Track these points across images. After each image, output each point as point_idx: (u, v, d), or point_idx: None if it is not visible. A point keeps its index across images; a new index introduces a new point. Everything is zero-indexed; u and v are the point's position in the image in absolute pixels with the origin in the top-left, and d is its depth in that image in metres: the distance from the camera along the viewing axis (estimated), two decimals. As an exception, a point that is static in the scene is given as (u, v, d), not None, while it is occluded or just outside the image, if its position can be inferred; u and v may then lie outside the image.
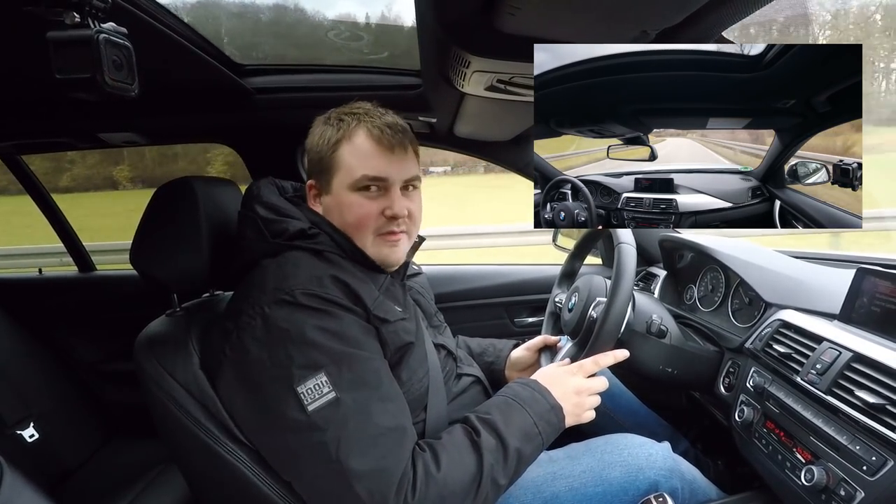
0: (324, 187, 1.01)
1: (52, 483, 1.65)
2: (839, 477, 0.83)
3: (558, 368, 1.05)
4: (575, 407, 0.98)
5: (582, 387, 1.00)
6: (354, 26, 1.53)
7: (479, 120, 1.50)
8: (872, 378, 0.85)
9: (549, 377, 1.01)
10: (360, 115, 0.99)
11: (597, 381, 1.03)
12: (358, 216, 0.98)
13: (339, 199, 0.99)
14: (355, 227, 0.98)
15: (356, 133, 0.98)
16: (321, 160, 0.99)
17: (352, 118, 0.99)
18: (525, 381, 1.00)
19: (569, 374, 1.02)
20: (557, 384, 0.99)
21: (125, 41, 0.67)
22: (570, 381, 1.01)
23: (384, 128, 0.98)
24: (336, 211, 0.99)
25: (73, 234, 2.13)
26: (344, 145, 0.97)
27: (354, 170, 0.97)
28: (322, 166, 0.99)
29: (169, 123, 1.67)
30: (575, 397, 0.99)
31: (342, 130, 0.98)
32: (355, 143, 0.97)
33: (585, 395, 1.00)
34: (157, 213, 1.04)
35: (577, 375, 1.02)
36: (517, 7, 0.74)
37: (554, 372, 1.04)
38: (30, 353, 1.87)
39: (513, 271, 2.06)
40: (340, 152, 0.98)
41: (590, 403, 1.01)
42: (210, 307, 1.13)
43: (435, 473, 0.82)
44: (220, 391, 0.93)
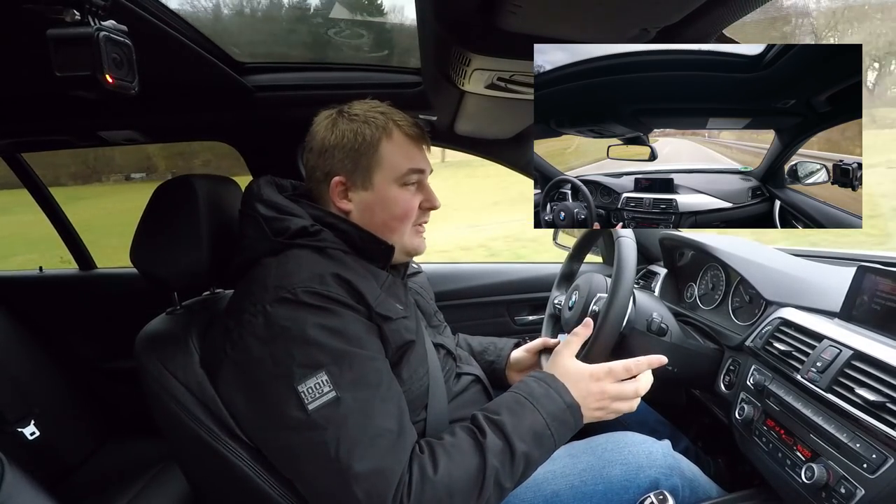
0: (361, 184, 1.01)
1: (53, 480, 1.66)
2: (839, 474, 0.83)
3: (581, 368, 0.98)
4: (597, 411, 0.94)
5: (608, 392, 0.95)
6: (355, 24, 1.53)
7: (480, 118, 1.50)
8: (873, 376, 0.85)
9: (569, 374, 0.96)
10: (388, 114, 1.02)
11: (628, 386, 0.96)
12: (404, 209, 1.02)
13: (383, 194, 1.01)
14: (399, 220, 1.02)
15: (393, 130, 1.01)
16: (358, 158, 0.99)
17: (381, 116, 1.01)
18: (541, 377, 0.96)
19: (592, 380, 0.95)
20: (579, 383, 0.94)
21: (125, 39, 0.67)
22: (594, 386, 0.95)
23: (414, 126, 1.03)
24: (379, 206, 1.01)
25: (74, 232, 2.13)
26: (384, 143, 1.00)
27: (400, 165, 1.00)
28: (360, 164, 1.00)
29: (169, 121, 1.66)
30: (596, 402, 0.94)
31: (380, 129, 1.00)
32: (395, 140, 1.01)
33: (613, 401, 0.95)
34: (157, 211, 1.04)
35: (604, 381, 0.95)
36: (518, 5, 0.74)
37: (576, 369, 0.97)
38: (30, 352, 1.88)
39: (513, 269, 2.07)
40: (382, 150, 0.99)
41: (615, 409, 0.96)
42: (211, 305, 1.13)
43: (431, 475, 0.81)
44: (220, 389, 0.92)
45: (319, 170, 1.02)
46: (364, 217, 1.02)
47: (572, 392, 0.93)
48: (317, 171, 1.03)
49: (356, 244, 0.99)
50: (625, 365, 0.97)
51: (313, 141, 1.03)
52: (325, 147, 1.01)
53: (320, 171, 1.02)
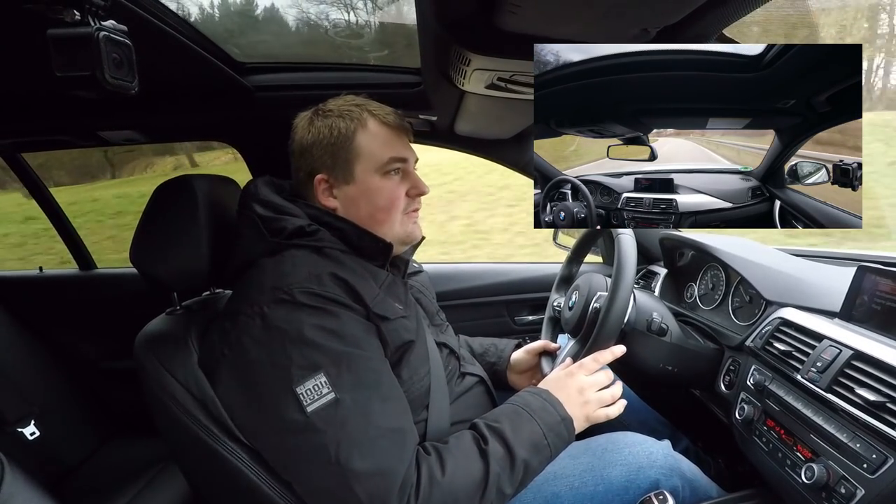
0: (343, 178, 1.00)
1: (53, 481, 1.65)
2: (839, 475, 0.83)
3: (561, 373, 1.04)
4: (582, 408, 0.98)
5: (584, 384, 1.00)
6: (355, 24, 1.53)
7: (480, 118, 1.50)
8: (873, 376, 0.85)
9: (557, 386, 1.01)
10: (362, 105, 1.02)
11: (601, 376, 1.02)
12: (389, 199, 1.01)
13: (366, 185, 1.00)
14: (386, 210, 1.01)
15: (368, 121, 1.00)
16: (336, 152, 0.99)
17: (356, 108, 1.01)
18: (535, 391, 0.99)
19: (569, 376, 1.01)
20: (563, 390, 0.99)
21: (125, 39, 0.67)
22: (572, 382, 1.00)
23: (390, 114, 1.02)
24: (364, 198, 1.01)
25: (74, 232, 2.13)
26: (360, 134, 0.99)
27: (379, 154, 1.00)
28: (338, 158, 0.99)
29: (169, 121, 1.66)
30: (579, 397, 0.98)
31: (354, 120, 0.99)
32: (371, 130, 1.00)
33: (590, 391, 1.00)
34: (157, 211, 1.04)
35: (577, 375, 1.01)
36: (518, 5, 0.74)
37: (559, 378, 1.03)
38: (30, 352, 1.88)
39: (513, 269, 2.07)
40: (358, 141, 0.99)
41: (597, 399, 1.00)
42: (210, 305, 1.13)
43: (439, 478, 0.82)
44: (218, 391, 0.92)
45: (302, 170, 1.02)
46: (350, 211, 1.01)
47: (564, 405, 0.96)
48: (300, 172, 1.03)
49: (354, 243, 0.99)
50: (593, 357, 1.04)
51: (293, 143, 1.04)
52: (303, 146, 1.02)
53: (303, 171, 1.02)
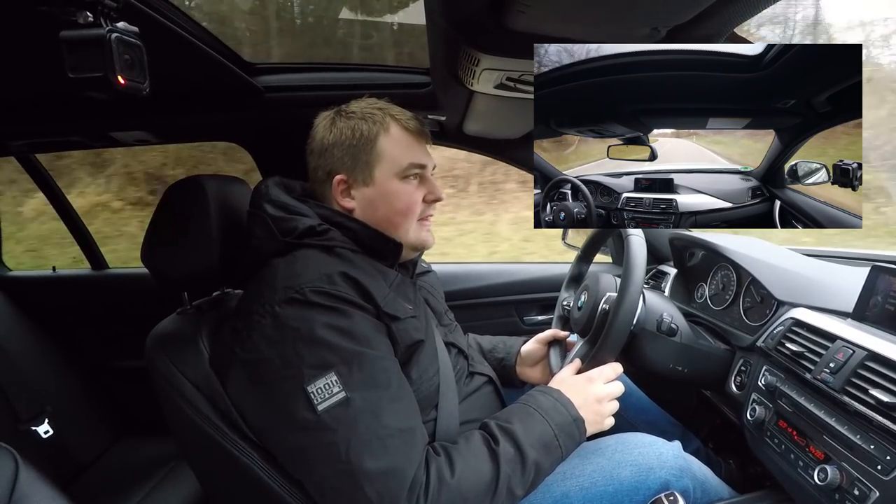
0: (363, 180, 1.01)
1: (65, 479, 1.67)
2: (853, 476, 0.82)
3: (577, 376, 1.04)
4: (595, 415, 0.98)
5: (601, 394, 1.00)
6: (365, 24, 1.53)
7: (489, 118, 1.50)
8: (886, 377, 0.84)
9: (569, 386, 1.01)
10: (385, 109, 1.03)
11: (615, 387, 1.03)
12: (407, 203, 1.02)
13: (385, 188, 1.01)
14: (403, 214, 1.02)
15: (391, 125, 1.01)
16: (357, 154, 1.00)
17: (379, 112, 1.02)
18: (546, 390, 1.00)
19: (588, 382, 1.02)
20: (577, 393, 0.99)
21: (137, 40, 0.68)
22: (590, 389, 1.00)
23: (412, 119, 1.03)
24: (382, 201, 1.01)
25: (87, 233, 2.15)
26: (382, 137, 1.00)
27: (400, 159, 1.01)
28: (359, 160, 1.00)
29: (180, 122, 1.67)
30: (595, 405, 0.99)
31: (377, 124, 1.00)
32: (393, 135, 1.01)
33: (605, 402, 1.00)
34: (167, 212, 1.05)
35: (595, 383, 1.01)
36: (527, 5, 0.73)
37: (573, 380, 1.03)
38: (44, 351, 1.90)
39: (521, 269, 2.06)
40: (381, 144, 1.00)
41: (609, 410, 1.01)
42: (221, 305, 1.14)
43: (449, 479, 0.82)
44: (229, 390, 0.93)
45: (321, 170, 1.03)
46: (367, 213, 1.02)
47: (576, 405, 0.97)
48: (318, 172, 1.04)
49: (364, 242, 0.99)
50: (612, 366, 1.05)
51: (313, 142, 1.05)
52: (324, 146, 1.02)
53: (322, 170, 1.03)
